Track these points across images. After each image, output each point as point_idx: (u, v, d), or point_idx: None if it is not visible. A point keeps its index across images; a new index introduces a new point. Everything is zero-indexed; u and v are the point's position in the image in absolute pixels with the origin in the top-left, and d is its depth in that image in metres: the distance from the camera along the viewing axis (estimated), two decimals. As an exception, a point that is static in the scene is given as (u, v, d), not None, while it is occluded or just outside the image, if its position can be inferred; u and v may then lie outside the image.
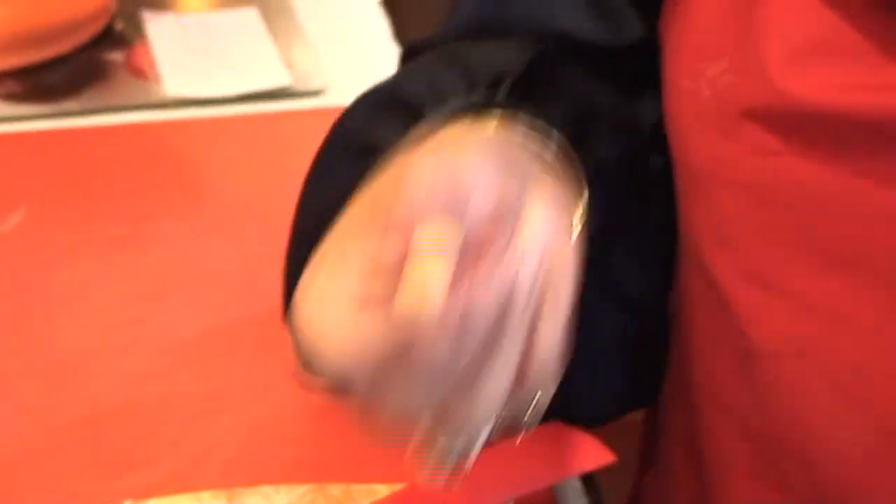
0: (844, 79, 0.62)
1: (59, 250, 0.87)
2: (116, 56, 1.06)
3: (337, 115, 0.78)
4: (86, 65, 1.05)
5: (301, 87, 1.04)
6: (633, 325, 0.75)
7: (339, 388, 0.54)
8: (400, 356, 0.51)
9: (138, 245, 0.88)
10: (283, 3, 1.13)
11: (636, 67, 0.74)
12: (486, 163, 0.55)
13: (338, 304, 0.54)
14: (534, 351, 0.55)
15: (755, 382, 0.69)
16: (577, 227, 0.62)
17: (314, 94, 1.04)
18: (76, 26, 1.05)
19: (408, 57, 0.80)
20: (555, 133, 0.62)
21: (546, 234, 0.54)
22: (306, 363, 0.72)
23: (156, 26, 1.09)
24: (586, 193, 0.63)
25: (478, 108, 0.65)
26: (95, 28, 1.06)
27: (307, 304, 0.56)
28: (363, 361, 0.53)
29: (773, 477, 0.70)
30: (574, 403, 0.72)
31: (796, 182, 0.64)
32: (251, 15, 1.10)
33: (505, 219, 0.55)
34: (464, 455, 0.56)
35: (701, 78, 0.67)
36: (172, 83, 1.03)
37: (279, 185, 0.94)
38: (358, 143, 0.71)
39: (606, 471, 0.74)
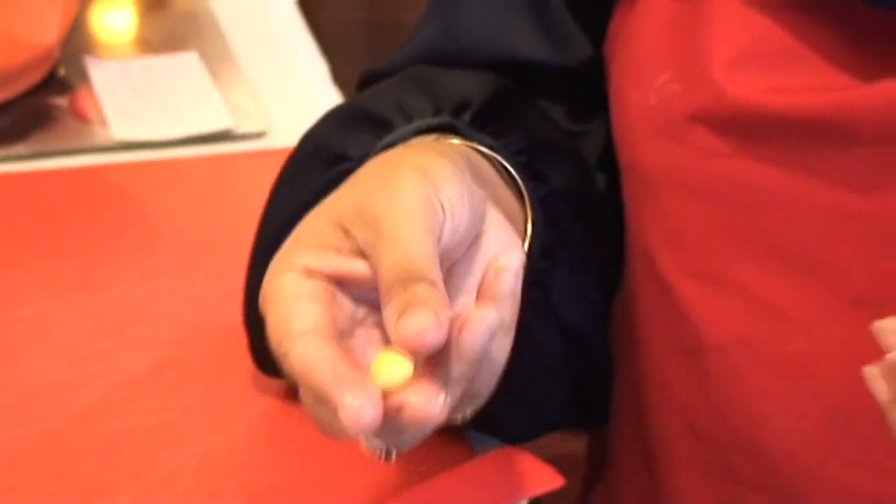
0: (783, 82, 0.67)
1: (15, 290, 0.90)
2: (61, 101, 1.09)
3: (280, 157, 0.82)
4: (31, 110, 1.08)
5: (243, 129, 1.07)
6: (572, 348, 0.78)
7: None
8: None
9: (92, 285, 0.91)
10: (223, 47, 1.16)
11: (585, 88, 0.78)
12: (457, 190, 0.59)
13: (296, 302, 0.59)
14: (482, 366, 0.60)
15: (703, 377, 0.73)
16: (525, 250, 0.66)
17: (256, 136, 1.07)
18: (19, 72, 1.07)
19: (364, 84, 0.83)
20: (511, 159, 0.67)
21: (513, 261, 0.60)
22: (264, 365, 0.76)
23: (99, 71, 1.12)
24: (533, 217, 0.67)
25: (443, 129, 0.69)
26: (39, 74, 1.09)
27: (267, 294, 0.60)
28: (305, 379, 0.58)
29: (723, 470, 0.74)
30: (511, 423, 0.78)
31: (743, 183, 0.69)
32: (192, 59, 1.13)
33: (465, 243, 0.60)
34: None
35: (648, 88, 0.72)
36: (117, 127, 1.06)
37: (225, 225, 0.97)
38: (327, 154, 0.75)
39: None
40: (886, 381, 0.54)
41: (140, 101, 1.09)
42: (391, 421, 0.56)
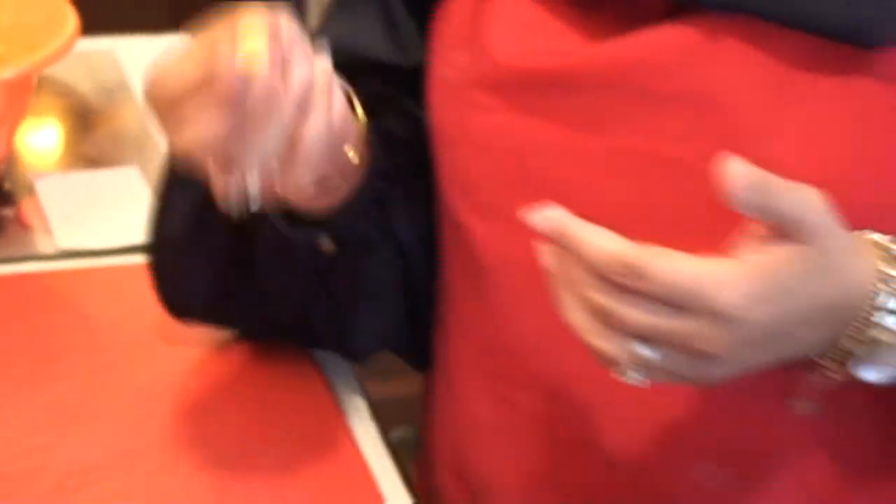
0: (536, 47, 0.85)
1: None
2: (7, 212, 1.16)
3: None
4: None
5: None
6: (403, 266, 0.94)
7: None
8: (203, 89, 0.74)
9: (41, 381, 0.98)
10: (160, 161, 1.24)
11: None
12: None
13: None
14: (302, 136, 0.76)
15: (483, 295, 0.88)
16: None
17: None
18: None
19: None
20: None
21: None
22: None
23: (44, 184, 1.19)
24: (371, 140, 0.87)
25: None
26: None
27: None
28: (169, 78, 0.76)
29: (500, 375, 0.90)
30: (350, 336, 0.95)
31: (511, 132, 0.85)
32: (132, 173, 1.21)
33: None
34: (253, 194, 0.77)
35: (449, 64, 0.90)
36: (62, 236, 1.13)
37: (162, 325, 1.04)
38: None
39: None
40: (556, 260, 0.73)
41: (83, 211, 1.16)
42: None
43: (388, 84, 0.93)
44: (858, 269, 0.74)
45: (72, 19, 1.12)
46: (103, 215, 1.16)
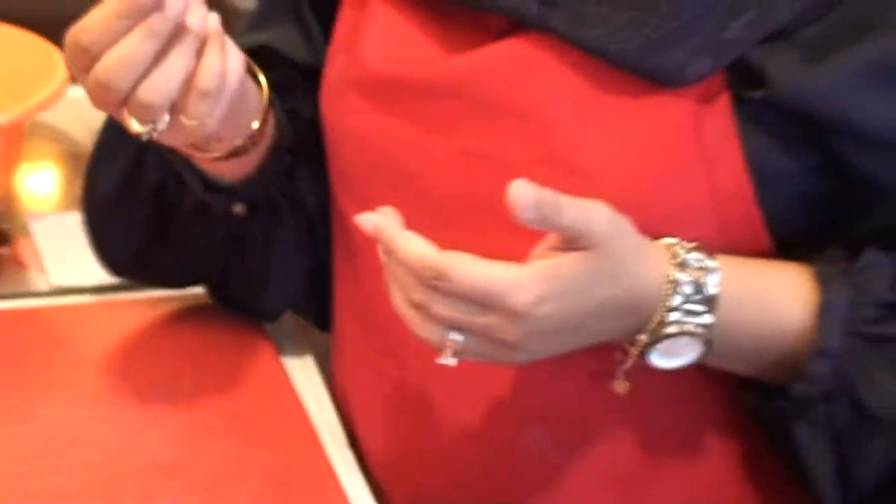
0: (400, 56, 0.96)
1: None
2: (4, 251, 1.21)
3: (199, 306, 1.09)
4: None
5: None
6: (308, 233, 1.07)
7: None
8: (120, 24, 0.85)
9: (24, 412, 1.02)
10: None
11: None
12: None
13: None
14: (197, 77, 0.87)
15: (357, 273, 1.00)
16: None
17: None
18: None
19: None
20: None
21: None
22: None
23: (39, 225, 1.24)
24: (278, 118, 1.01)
25: None
26: None
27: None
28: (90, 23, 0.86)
29: (370, 342, 1.02)
30: (260, 295, 1.09)
31: (377, 131, 0.96)
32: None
33: None
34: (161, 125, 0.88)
35: (332, 66, 1.01)
36: (56, 274, 1.18)
37: (149, 359, 1.09)
38: None
39: None
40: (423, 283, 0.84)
41: (76, 251, 1.20)
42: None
43: (300, 77, 1.05)
44: (649, 272, 0.86)
45: (62, 67, 1.17)
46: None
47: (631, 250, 0.86)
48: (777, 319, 0.90)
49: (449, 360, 0.86)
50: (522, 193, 0.81)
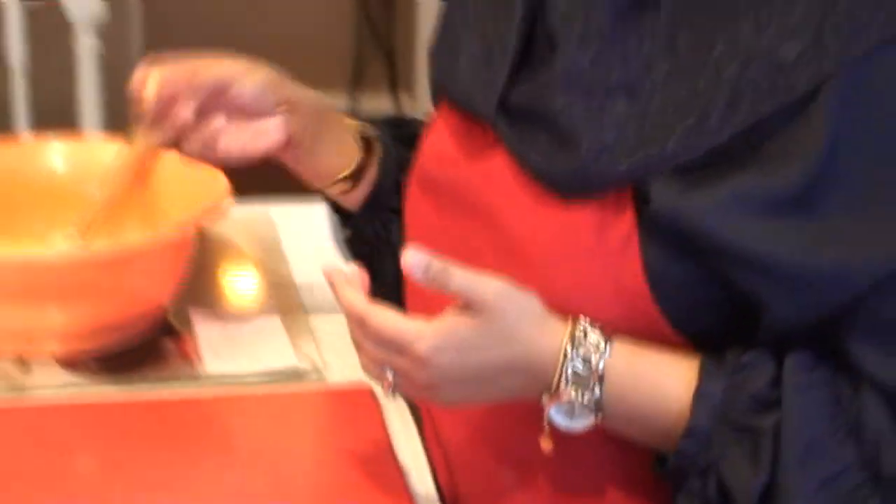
0: (433, 154, 1.22)
1: (116, 491, 1.13)
2: (170, 343, 1.36)
3: (334, 393, 1.23)
4: (146, 348, 1.34)
5: (307, 369, 1.33)
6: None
7: None
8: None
9: (173, 489, 1.13)
10: (299, 312, 1.44)
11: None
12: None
13: None
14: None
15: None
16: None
17: (317, 375, 1.33)
18: (138, 320, 1.32)
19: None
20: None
21: None
22: None
23: (201, 320, 1.39)
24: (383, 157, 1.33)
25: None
26: (154, 320, 1.34)
27: None
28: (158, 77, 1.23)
29: None
30: None
31: (412, 209, 1.23)
32: (275, 322, 1.41)
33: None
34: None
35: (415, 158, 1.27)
36: (211, 364, 1.32)
37: (294, 449, 1.19)
38: None
39: None
40: (356, 327, 1.03)
41: (232, 346, 1.35)
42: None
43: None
44: (544, 340, 1.01)
45: (224, 185, 1.31)
46: (247, 353, 1.35)
47: (527, 320, 1.00)
48: (663, 398, 1.00)
49: (389, 395, 1.04)
50: (414, 259, 0.99)
